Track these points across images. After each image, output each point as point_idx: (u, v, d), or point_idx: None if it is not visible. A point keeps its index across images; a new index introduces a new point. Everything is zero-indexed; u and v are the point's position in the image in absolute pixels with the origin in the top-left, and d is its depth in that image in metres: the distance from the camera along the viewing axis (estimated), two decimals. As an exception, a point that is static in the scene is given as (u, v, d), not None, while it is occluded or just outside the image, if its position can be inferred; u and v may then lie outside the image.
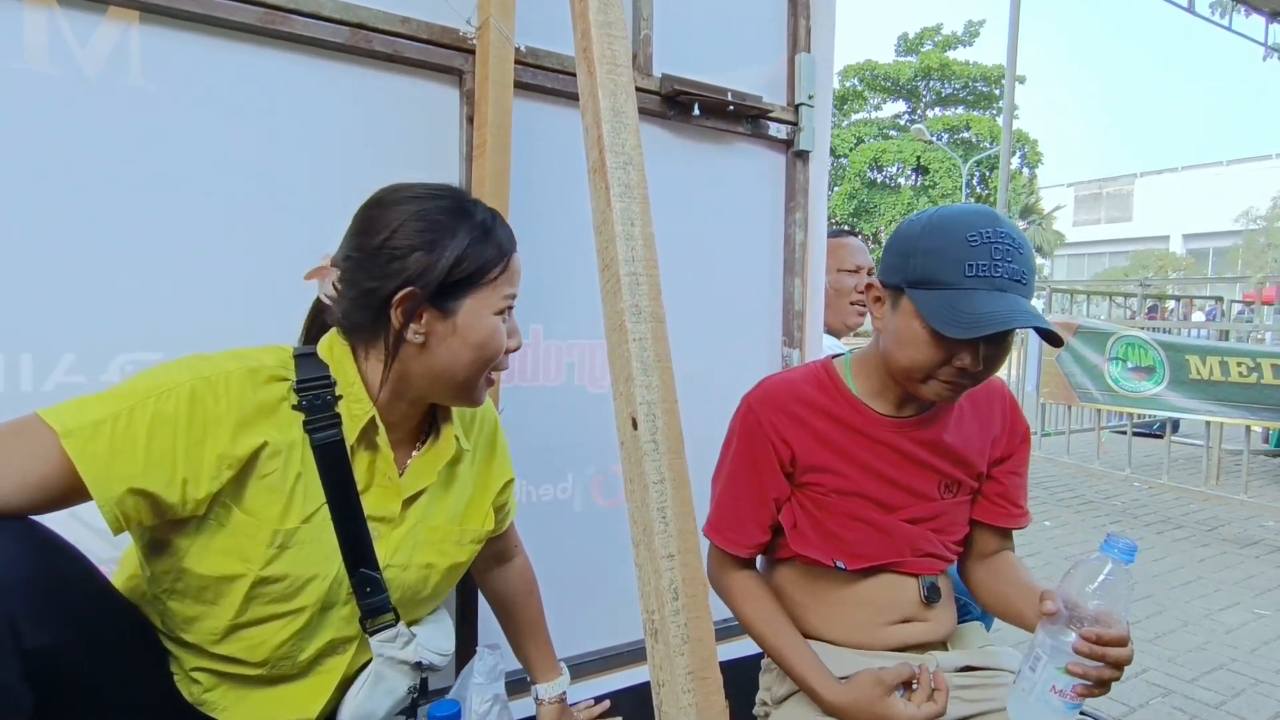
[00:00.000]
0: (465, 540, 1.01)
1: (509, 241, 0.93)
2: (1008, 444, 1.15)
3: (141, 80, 1.08)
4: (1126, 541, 0.85)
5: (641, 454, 0.73)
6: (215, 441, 0.78)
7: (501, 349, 0.92)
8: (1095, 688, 0.86)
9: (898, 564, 1.10)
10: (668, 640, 0.68)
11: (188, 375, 0.79)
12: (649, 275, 0.80)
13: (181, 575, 0.83)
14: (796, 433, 1.08)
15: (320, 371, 0.88)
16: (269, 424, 0.83)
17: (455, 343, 0.88)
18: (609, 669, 1.48)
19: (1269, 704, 2.32)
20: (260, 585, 0.83)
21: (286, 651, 0.87)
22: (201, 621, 0.85)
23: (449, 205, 0.89)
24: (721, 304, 1.65)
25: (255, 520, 0.82)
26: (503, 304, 0.91)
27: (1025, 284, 0.94)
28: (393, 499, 0.92)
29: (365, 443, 0.90)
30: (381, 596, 0.91)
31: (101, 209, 1.06)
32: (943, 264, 0.94)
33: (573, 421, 1.47)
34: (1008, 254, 0.93)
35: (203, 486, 0.78)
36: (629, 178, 0.82)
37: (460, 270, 0.86)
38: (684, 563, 0.71)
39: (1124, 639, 0.85)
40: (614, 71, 0.86)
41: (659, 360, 0.77)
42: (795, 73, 1.67)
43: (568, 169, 1.42)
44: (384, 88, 1.25)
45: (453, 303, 0.87)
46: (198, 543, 0.81)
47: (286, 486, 0.84)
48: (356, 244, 0.89)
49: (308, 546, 0.85)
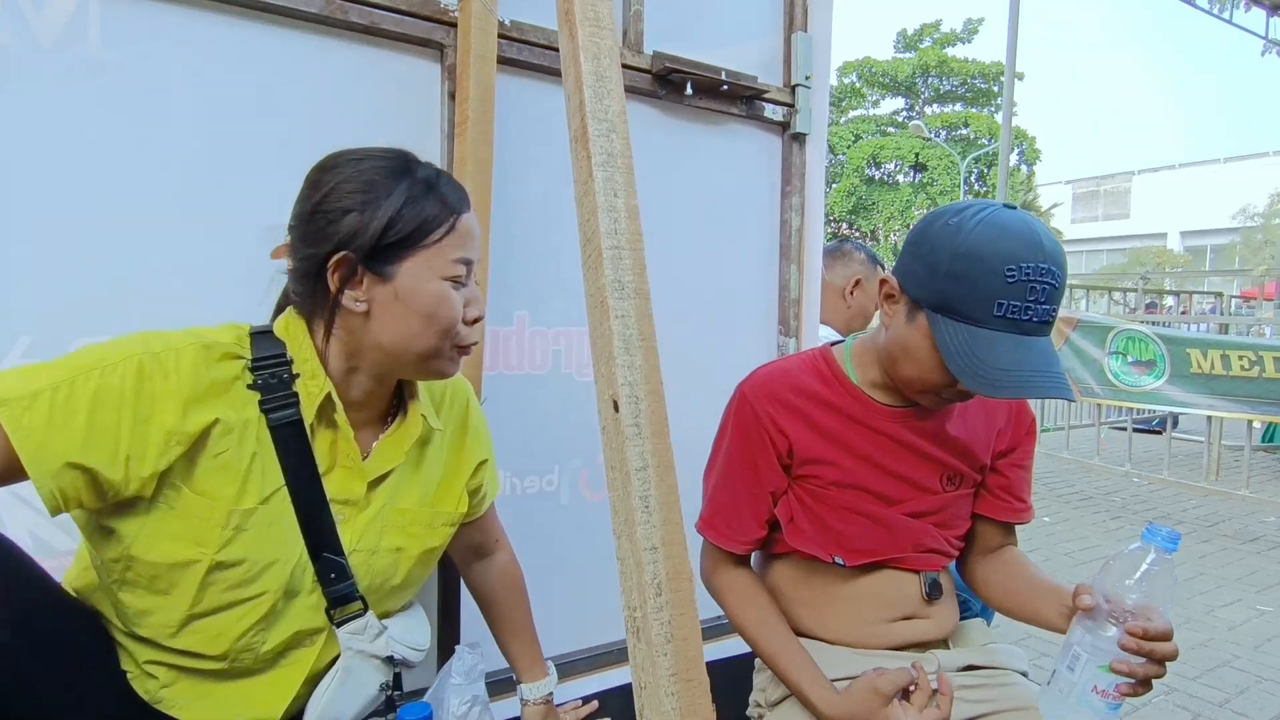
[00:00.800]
0: (437, 523, 0.96)
1: (458, 201, 0.86)
2: (1013, 436, 1.10)
3: (101, 50, 1.02)
4: (1170, 530, 0.80)
5: (623, 438, 0.67)
6: (162, 417, 0.74)
7: (455, 318, 0.84)
8: (1139, 685, 0.81)
9: (898, 560, 1.06)
10: (650, 639, 0.63)
11: (138, 349, 0.75)
12: (633, 249, 0.74)
13: (131, 564, 0.78)
14: (793, 423, 1.03)
15: (276, 349, 0.83)
16: (221, 401, 0.78)
17: (399, 310, 0.82)
18: (597, 668, 1.43)
19: (1273, 702, 2.28)
20: (216, 570, 0.78)
21: (247, 643, 0.82)
22: (155, 614, 0.80)
23: (388, 165, 0.84)
24: (715, 292, 1.60)
25: (208, 501, 0.77)
26: (451, 269, 0.83)
27: (1052, 322, 0.89)
28: (357, 481, 0.87)
29: (325, 422, 0.85)
30: (347, 583, 0.86)
31: (58, 185, 1.00)
32: (972, 297, 0.86)
33: (559, 411, 1.42)
34: (1043, 293, 0.85)
35: (148, 464, 0.73)
36: (612, 145, 0.77)
37: (395, 231, 0.80)
38: (668, 555, 0.66)
39: (1169, 633, 0.80)
40: (597, 34, 0.81)
41: (643, 339, 0.72)
42: (792, 52, 1.62)
43: (553, 148, 1.37)
44: (361, 62, 1.20)
45: (390, 266, 0.81)
46: (147, 527, 0.76)
47: (241, 466, 0.79)
48: (296, 211, 0.85)
49: (266, 529, 0.81)
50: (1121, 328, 4.55)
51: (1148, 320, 5.15)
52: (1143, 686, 0.82)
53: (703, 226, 1.57)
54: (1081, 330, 4.74)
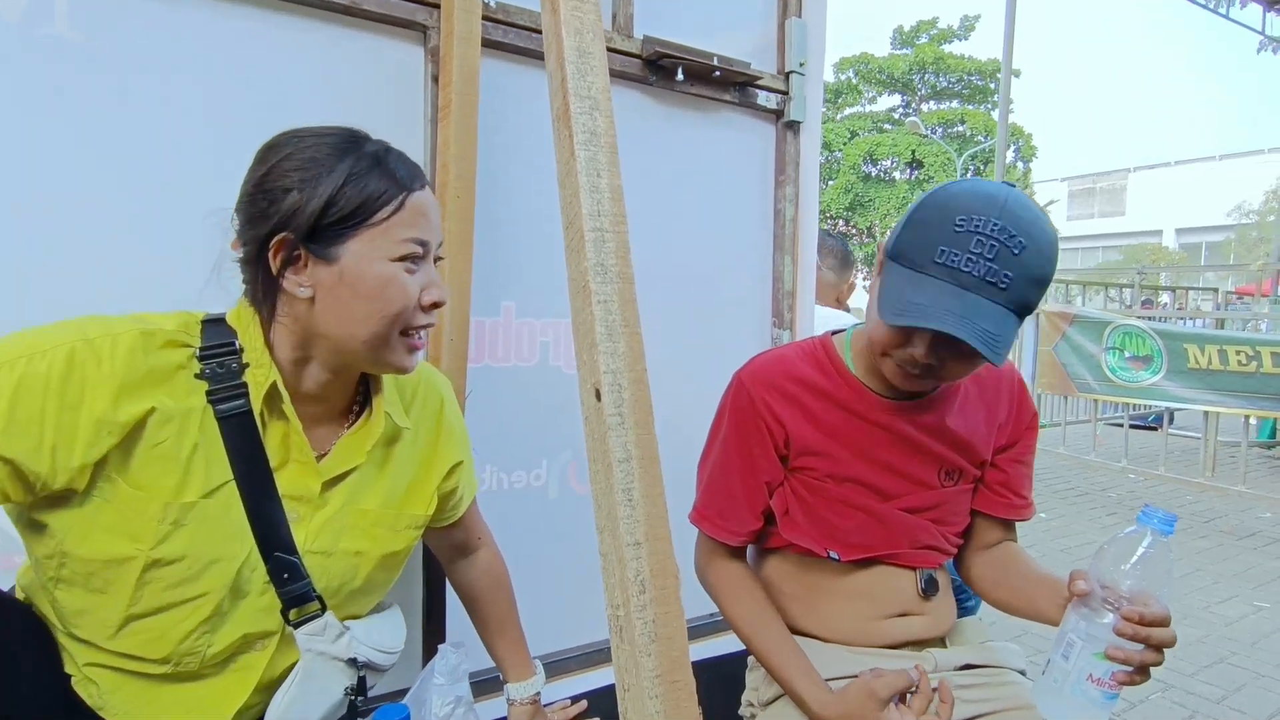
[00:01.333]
0: (401, 526, 0.92)
1: (408, 178, 0.80)
2: (1013, 430, 1.08)
3: (68, 29, 0.98)
4: (1166, 512, 0.77)
5: (605, 428, 0.64)
6: (93, 406, 0.70)
7: (407, 302, 0.79)
8: (1136, 674, 0.78)
9: (894, 556, 1.03)
10: (633, 639, 0.60)
11: (72, 336, 0.71)
12: (616, 231, 0.71)
13: (65, 560, 0.74)
14: (790, 413, 1.01)
15: (226, 338, 0.79)
16: (161, 390, 0.74)
17: (344, 294, 0.77)
18: (586, 667, 1.40)
19: (1270, 699, 2.26)
20: (153, 568, 0.74)
21: (191, 646, 0.78)
22: (93, 614, 0.76)
23: (333, 141, 0.79)
24: (708, 283, 1.56)
25: (144, 494, 0.73)
26: (401, 249, 0.78)
27: (1004, 288, 0.82)
28: (310, 478, 0.83)
29: (275, 413, 0.81)
30: (302, 583, 0.82)
31: (18, 171, 0.96)
32: (919, 242, 0.86)
33: (547, 404, 1.38)
34: (989, 249, 0.81)
35: (77, 454, 0.70)
36: (595, 124, 0.73)
37: (337, 209, 0.75)
38: (652, 551, 0.63)
39: (1166, 618, 0.77)
40: (580, 8, 0.77)
41: (626, 325, 0.68)
42: (786, 38, 1.59)
43: (540, 133, 1.33)
44: (341, 44, 1.16)
45: (333, 247, 0.76)
46: (80, 521, 0.73)
47: (181, 457, 0.75)
48: (240, 191, 0.80)
49: (208, 524, 0.77)
50: (1119, 323, 4.53)
51: (1145, 316, 5.12)
52: (1140, 675, 0.79)
53: (694, 216, 1.53)
54: (1078, 325, 4.72)
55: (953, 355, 0.88)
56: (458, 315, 1.16)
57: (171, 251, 1.04)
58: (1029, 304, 0.86)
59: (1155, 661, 0.79)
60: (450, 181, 1.14)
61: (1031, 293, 0.85)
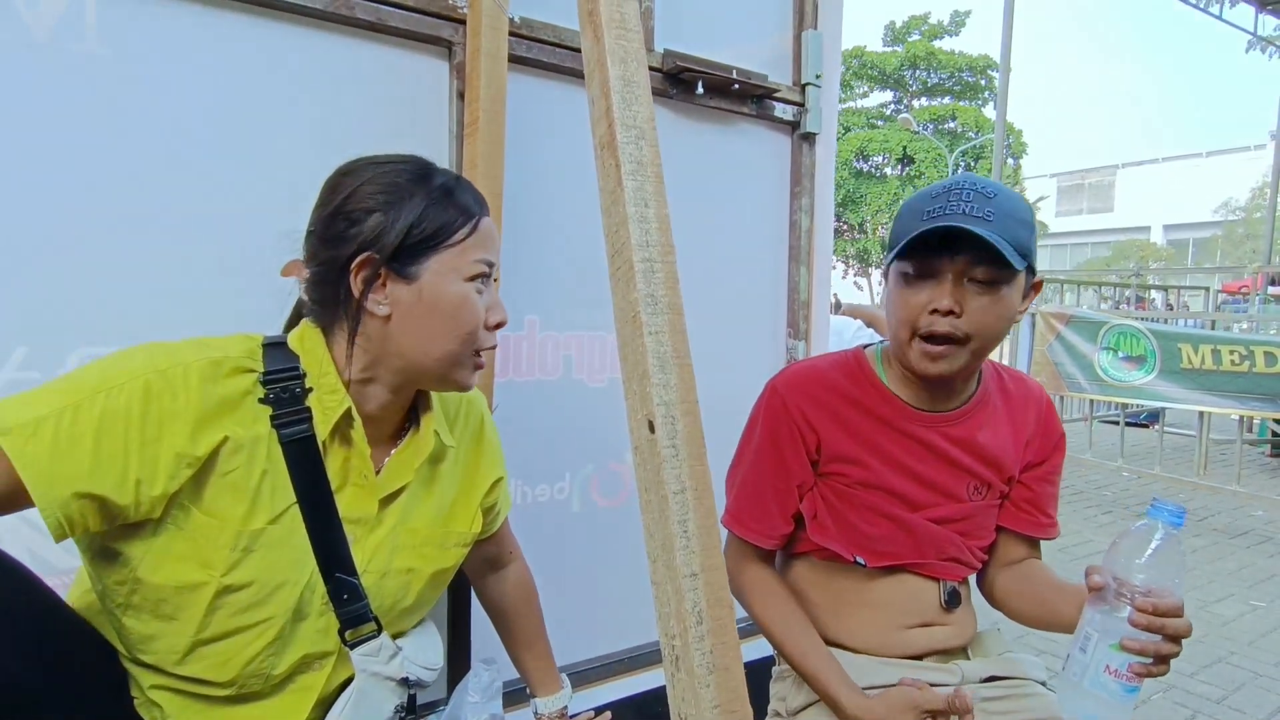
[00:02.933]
0: (449, 544, 0.93)
1: (477, 205, 0.85)
2: (1040, 448, 1.09)
3: (97, 45, 0.98)
4: (1174, 505, 0.79)
5: (660, 460, 0.65)
6: (172, 439, 0.71)
7: (478, 321, 0.83)
8: (1154, 665, 0.79)
9: (920, 566, 1.05)
10: (691, 669, 0.61)
11: (143, 368, 0.72)
12: (665, 261, 0.72)
13: (137, 587, 0.75)
14: (823, 420, 1.03)
15: (290, 362, 0.80)
16: (231, 419, 0.75)
17: (422, 311, 0.80)
18: (609, 677, 1.42)
19: (1270, 698, 2.30)
20: (224, 594, 0.75)
21: (256, 668, 0.79)
22: (161, 639, 0.77)
23: (409, 169, 0.83)
24: (723, 293, 1.57)
25: (216, 521, 0.74)
26: (474, 269, 0.82)
27: (991, 221, 0.89)
28: (369, 499, 0.85)
29: (340, 438, 0.82)
30: (361, 604, 0.84)
31: (53, 188, 0.96)
32: (905, 222, 0.94)
33: (570, 418, 1.39)
34: (965, 195, 0.90)
35: (159, 485, 0.71)
36: (642, 154, 0.74)
37: (420, 230, 0.80)
38: (708, 581, 0.63)
39: (1180, 608, 0.79)
40: (624, 36, 0.78)
41: (677, 356, 0.69)
42: (802, 51, 1.59)
43: (563, 149, 1.34)
44: (367, 60, 1.16)
45: (415, 266, 0.80)
46: (154, 549, 0.73)
47: (251, 485, 0.76)
48: (315, 216, 0.83)
49: (276, 550, 0.78)
50: (1114, 323, 4.57)
51: (1139, 315, 5.17)
52: (1159, 665, 0.80)
53: (711, 227, 1.54)
54: (1074, 326, 4.76)
55: (970, 295, 0.91)
56: (485, 332, 1.17)
57: (199, 262, 1.04)
58: (1022, 243, 0.90)
59: (1171, 652, 0.79)
60: (478, 199, 1.15)
61: (1021, 232, 0.90)
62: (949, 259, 0.91)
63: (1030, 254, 0.93)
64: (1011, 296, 0.93)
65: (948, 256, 0.91)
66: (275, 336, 0.84)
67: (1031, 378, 1.17)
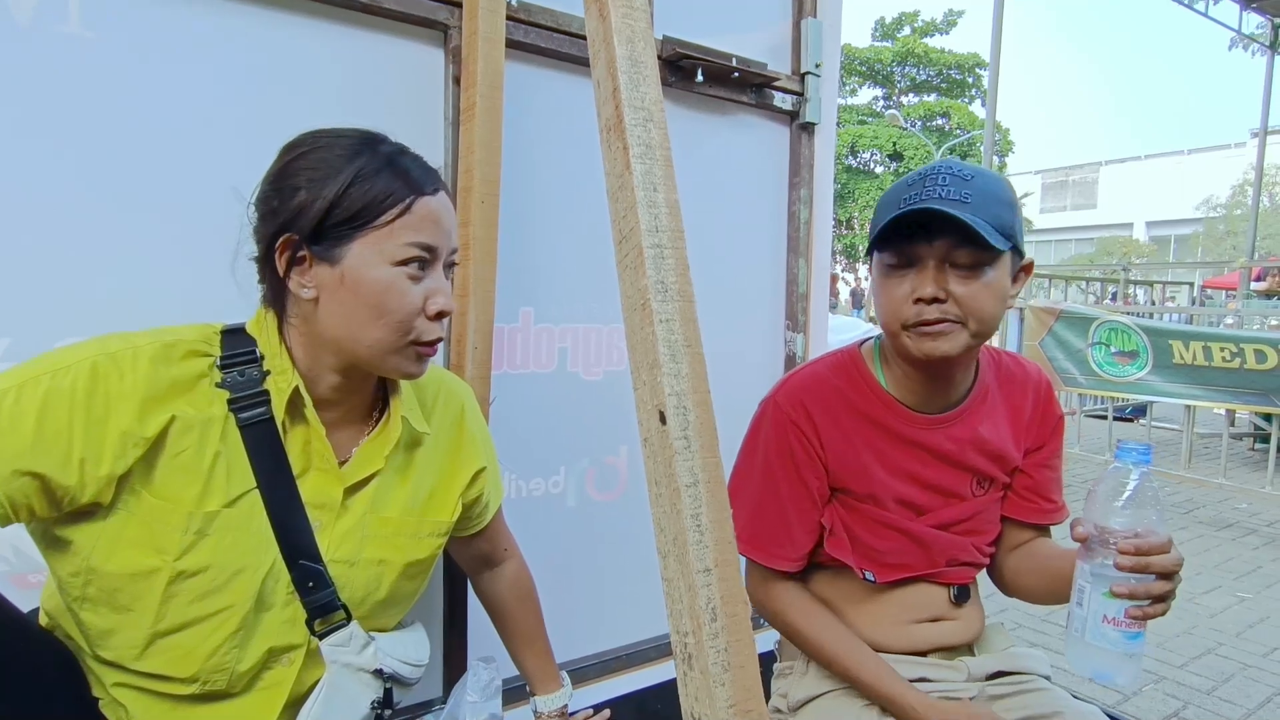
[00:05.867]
0: (424, 533, 0.90)
1: (421, 181, 0.79)
2: (1039, 432, 1.08)
3: (80, 28, 0.94)
4: (1139, 444, 0.80)
5: (671, 452, 0.63)
6: (119, 419, 0.70)
7: (408, 309, 0.77)
8: (1150, 606, 0.78)
9: (930, 575, 1.04)
10: (705, 668, 0.59)
11: (93, 351, 0.71)
12: (675, 247, 0.70)
13: (91, 577, 0.73)
14: (828, 433, 1.01)
15: (246, 346, 0.79)
16: (183, 400, 0.74)
17: (345, 297, 0.76)
18: (607, 674, 1.40)
19: (1259, 689, 2.32)
20: (178, 580, 0.73)
21: (219, 662, 0.77)
22: (119, 633, 0.74)
23: (348, 142, 0.78)
24: (722, 285, 1.55)
25: (168, 504, 0.73)
26: (404, 252, 0.76)
27: (969, 204, 0.87)
28: (333, 484, 0.82)
29: (296, 420, 0.80)
30: (328, 591, 0.81)
31: (37, 176, 0.93)
32: (883, 211, 0.93)
33: (565, 411, 1.37)
34: (941, 180, 0.89)
35: (105, 465, 0.69)
36: (650, 136, 0.71)
37: (342, 210, 0.75)
38: (722, 577, 0.62)
39: (1166, 544, 0.78)
40: (630, 15, 0.75)
41: (689, 345, 0.67)
42: (802, 39, 1.57)
43: (561, 140, 1.32)
44: (360, 44, 1.13)
45: (337, 248, 0.75)
46: (106, 535, 0.72)
47: (203, 466, 0.74)
48: (256, 190, 0.80)
49: (232, 534, 0.76)
50: (1104, 319, 4.60)
51: (1129, 312, 5.21)
52: (1155, 605, 0.78)
53: (709, 218, 1.52)
54: (1064, 321, 4.78)
55: (956, 273, 0.89)
56: (481, 323, 1.14)
57: (186, 253, 1.01)
58: (1004, 221, 0.88)
59: (1165, 590, 0.78)
60: (474, 186, 1.12)
61: (1003, 211, 0.89)
62: (927, 245, 0.89)
63: (1014, 233, 0.90)
64: (999, 279, 0.90)
65: (926, 242, 0.89)
66: (235, 323, 0.82)
67: (1030, 360, 1.14)
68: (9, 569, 0.96)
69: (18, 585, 0.96)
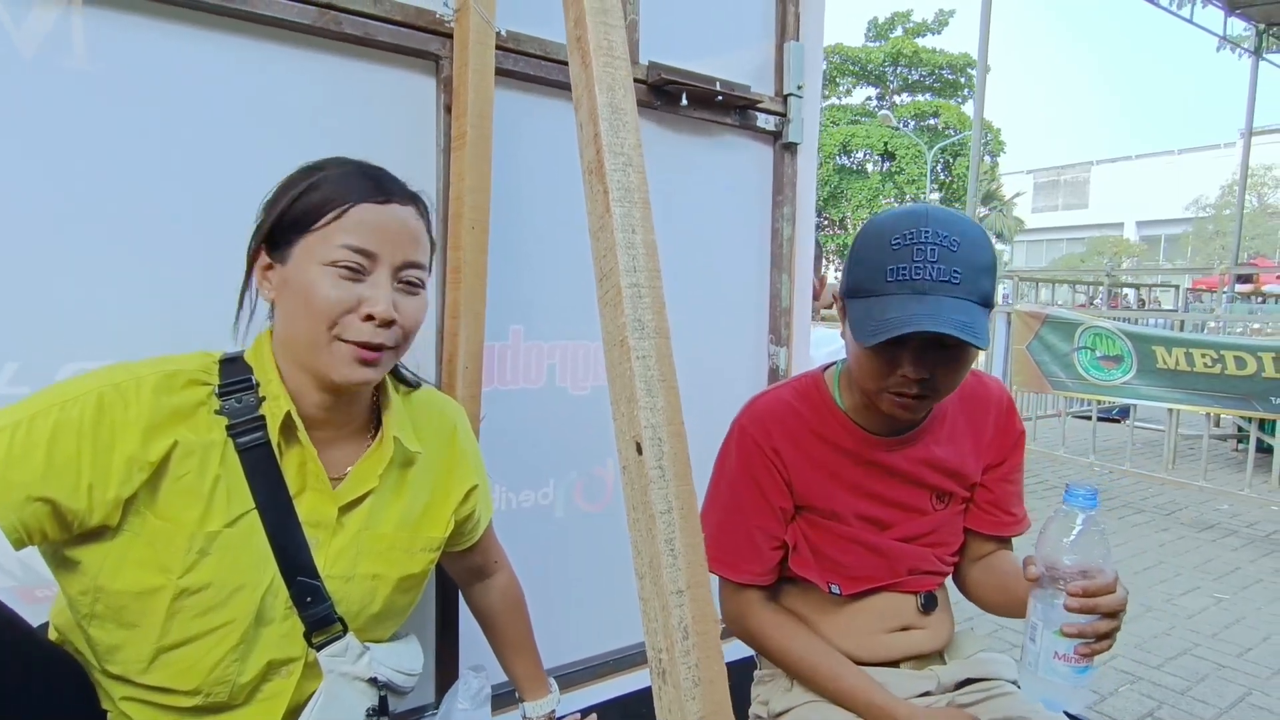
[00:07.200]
0: (417, 549, 0.94)
1: (369, 190, 0.83)
2: (999, 448, 1.12)
3: (85, 62, 0.98)
4: (1086, 488, 0.84)
5: (647, 481, 0.67)
6: (124, 446, 0.75)
7: (329, 303, 0.79)
8: (1097, 643, 0.83)
9: (894, 585, 1.08)
10: (678, 683, 0.64)
11: (99, 382, 0.76)
12: (651, 287, 0.74)
13: (99, 595, 0.77)
14: (792, 456, 1.05)
15: (243, 374, 0.84)
16: (184, 426, 0.79)
17: (288, 294, 0.82)
18: (594, 679, 1.44)
19: (1232, 689, 2.38)
20: (182, 597, 0.77)
21: (220, 675, 0.81)
22: (125, 648, 0.79)
23: (317, 162, 0.87)
24: (706, 301, 1.60)
25: (171, 525, 0.77)
26: (336, 254, 0.79)
27: (957, 283, 0.88)
28: (327, 504, 0.86)
29: (291, 441, 0.85)
30: (325, 606, 0.85)
31: (41, 205, 0.96)
32: (868, 271, 0.93)
33: (554, 425, 1.41)
34: (931, 254, 0.88)
35: (111, 489, 0.74)
36: (629, 180, 0.76)
37: (291, 215, 0.82)
38: (694, 598, 0.66)
39: (1111, 585, 0.82)
40: (611, 64, 0.79)
41: (664, 380, 0.71)
42: (784, 62, 1.62)
43: (548, 163, 1.36)
44: (354, 74, 1.17)
45: (286, 249, 0.83)
46: (113, 555, 0.76)
47: (204, 489, 0.79)
48: None
49: (233, 552, 0.80)
50: (1089, 324, 4.67)
51: (1114, 317, 5.28)
52: (1101, 643, 0.83)
53: (694, 236, 1.57)
54: (1050, 325, 4.85)
55: (939, 361, 0.92)
56: (472, 343, 1.18)
57: (188, 280, 1.05)
58: (986, 292, 0.91)
59: (1110, 629, 0.82)
60: (465, 213, 1.16)
61: (984, 280, 0.91)
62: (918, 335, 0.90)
63: (991, 299, 0.93)
64: (975, 352, 0.94)
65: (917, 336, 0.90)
66: (233, 352, 0.87)
67: (991, 376, 1.18)
68: (16, 584, 0.99)
69: (24, 600, 0.99)
